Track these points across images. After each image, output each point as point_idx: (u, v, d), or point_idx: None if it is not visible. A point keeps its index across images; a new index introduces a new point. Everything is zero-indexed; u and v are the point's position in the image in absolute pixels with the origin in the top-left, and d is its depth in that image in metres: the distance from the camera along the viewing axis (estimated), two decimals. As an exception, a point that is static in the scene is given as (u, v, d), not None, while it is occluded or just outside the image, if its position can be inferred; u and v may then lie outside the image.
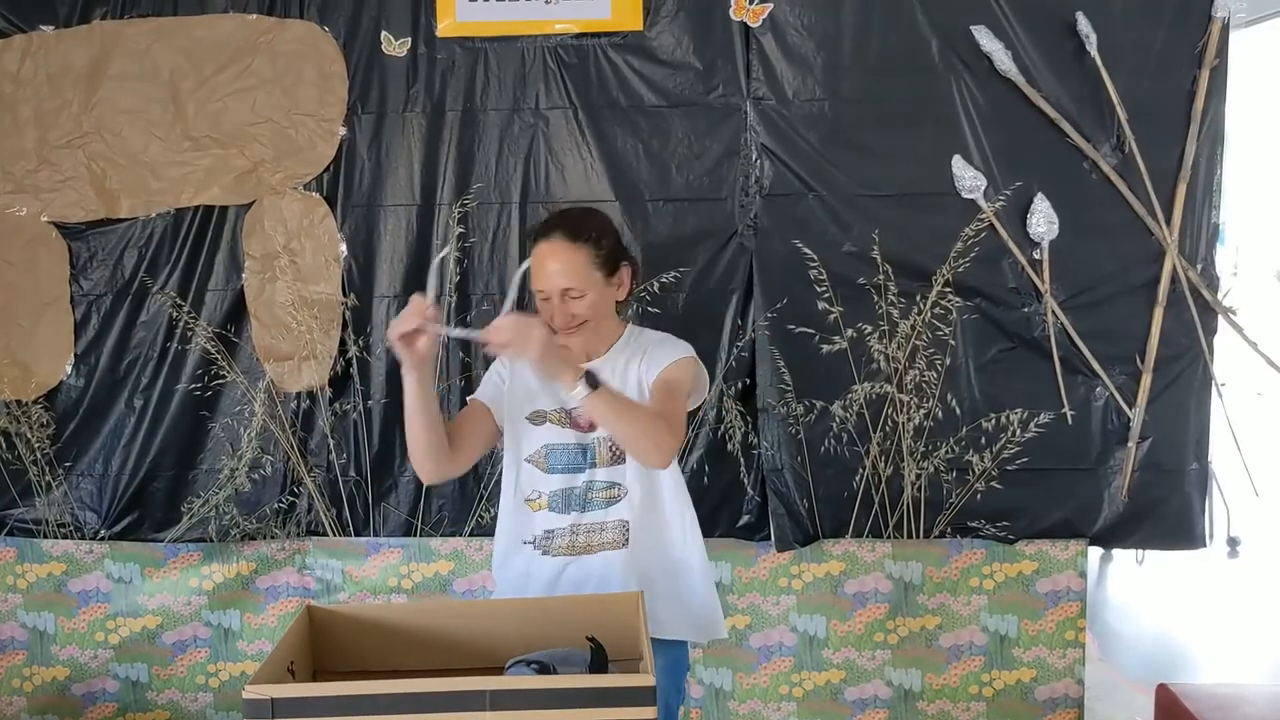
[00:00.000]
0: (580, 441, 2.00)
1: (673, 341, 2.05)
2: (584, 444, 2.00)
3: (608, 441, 1.98)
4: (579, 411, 1.93)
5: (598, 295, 1.96)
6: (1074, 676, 2.96)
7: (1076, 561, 2.92)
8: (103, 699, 3.13)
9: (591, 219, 2.01)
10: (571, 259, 1.93)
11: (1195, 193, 2.76)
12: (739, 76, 2.82)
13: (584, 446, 2.00)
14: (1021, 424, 2.83)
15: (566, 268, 1.92)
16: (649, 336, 2.06)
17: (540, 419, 2.02)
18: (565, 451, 2.01)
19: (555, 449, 2.01)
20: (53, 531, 3.03)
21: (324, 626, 1.75)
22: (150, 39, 2.89)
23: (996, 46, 2.72)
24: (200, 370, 2.94)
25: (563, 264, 1.92)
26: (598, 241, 1.95)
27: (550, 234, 1.95)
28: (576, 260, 1.93)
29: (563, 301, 1.93)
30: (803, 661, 3.00)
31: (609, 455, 1.99)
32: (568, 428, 2.00)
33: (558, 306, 1.93)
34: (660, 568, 2.01)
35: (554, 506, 2.01)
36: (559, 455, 2.01)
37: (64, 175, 2.92)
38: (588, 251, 1.94)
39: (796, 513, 2.86)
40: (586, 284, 1.94)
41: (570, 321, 1.94)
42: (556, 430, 2.00)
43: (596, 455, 1.99)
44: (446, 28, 2.85)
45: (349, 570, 3.04)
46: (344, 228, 2.91)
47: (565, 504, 2.00)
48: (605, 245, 1.97)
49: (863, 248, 2.81)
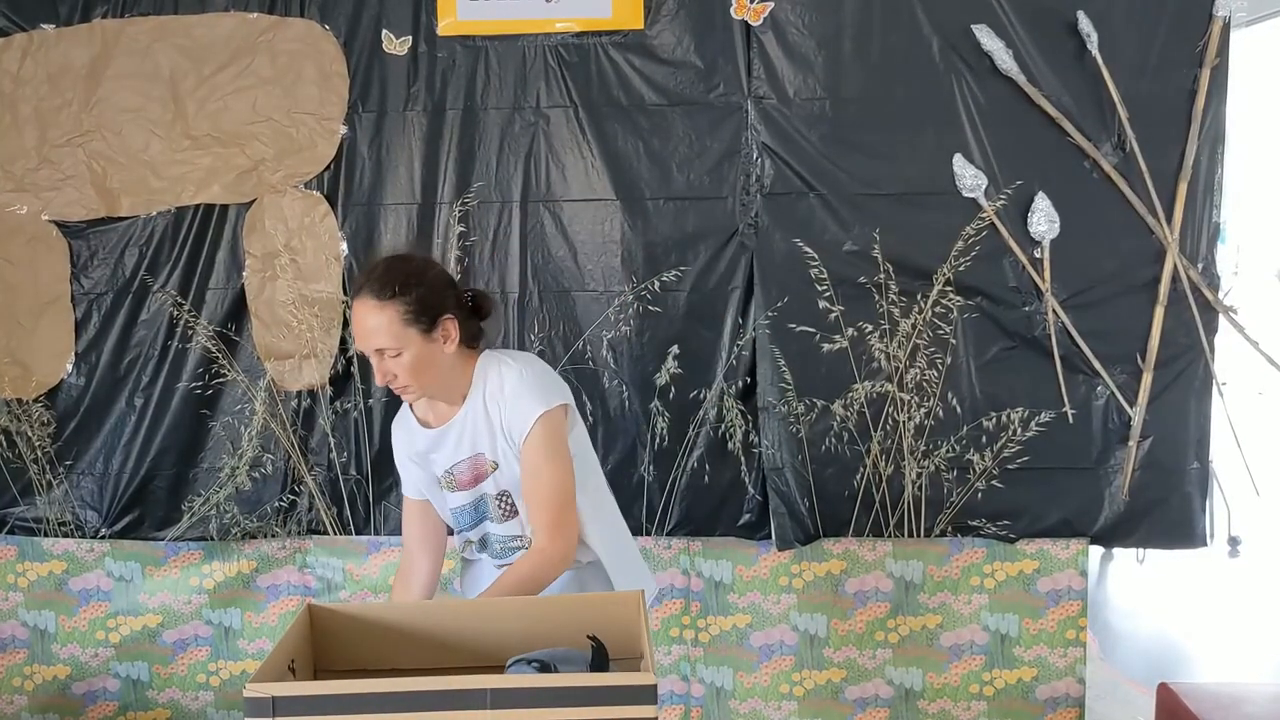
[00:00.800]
0: (472, 498, 2.00)
1: (523, 391, 1.91)
2: (475, 499, 2.00)
3: (495, 500, 1.99)
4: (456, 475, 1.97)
5: (417, 351, 1.85)
6: (1075, 675, 2.96)
7: (1077, 560, 2.92)
8: (103, 698, 3.13)
9: (400, 270, 1.88)
10: (379, 318, 1.83)
11: (1196, 192, 2.76)
12: (740, 75, 2.82)
13: (476, 501, 2.00)
14: (1022, 423, 2.83)
15: (375, 328, 1.84)
16: (499, 374, 1.93)
17: (439, 484, 2.03)
18: (463, 512, 2.03)
19: (458, 511, 2.03)
20: (53, 530, 3.03)
21: (325, 625, 1.74)
22: (151, 38, 2.89)
23: (997, 45, 2.72)
24: (201, 369, 2.94)
25: (371, 325, 1.84)
26: (406, 295, 1.84)
27: (359, 292, 1.86)
28: (383, 318, 1.83)
29: (380, 360, 1.86)
30: (803, 660, 3.00)
31: (501, 513, 2.00)
32: (457, 490, 2.00)
33: (376, 366, 1.87)
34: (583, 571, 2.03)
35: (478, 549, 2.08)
36: (462, 516, 2.03)
37: (64, 174, 2.92)
38: (396, 308, 1.83)
39: (797, 511, 2.86)
40: (400, 342, 1.84)
41: (390, 380, 1.88)
42: (452, 495, 2.02)
43: (490, 512, 2.01)
44: (447, 26, 2.85)
45: (350, 569, 3.04)
46: (344, 226, 2.91)
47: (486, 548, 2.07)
48: (415, 298, 1.85)
49: (863, 246, 2.81)
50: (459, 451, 1.96)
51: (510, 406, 1.91)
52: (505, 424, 1.91)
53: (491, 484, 1.97)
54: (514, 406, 1.90)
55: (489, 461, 1.95)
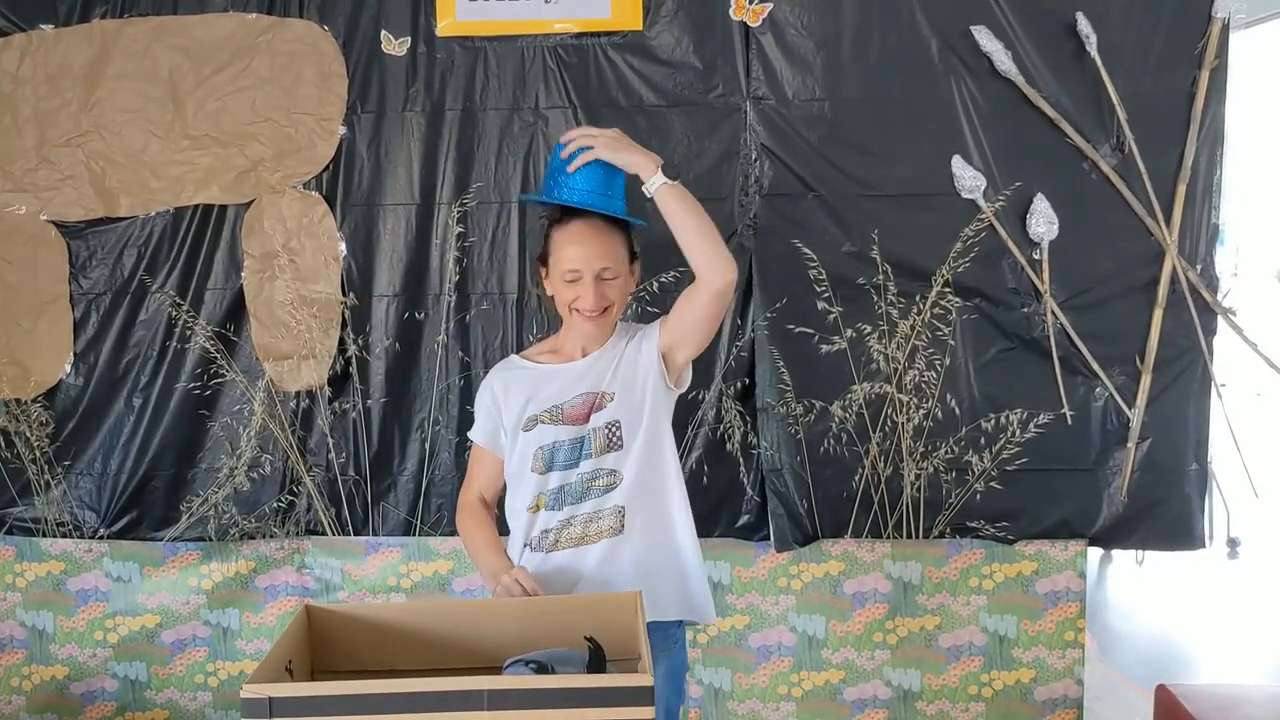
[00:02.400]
0: (574, 435, 1.99)
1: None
2: (578, 436, 1.99)
3: (604, 431, 1.98)
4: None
5: (624, 281, 2.01)
6: (1073, 677, 2.96)
7: (1076, 562, 2.92)
8: (101, 698, 3.13)
9: None
10: (608, 239, 1.97)
11: (1195, 193, 2.76)
12: (739, 76, 2.82)
13: (579, 439, 1.99)
14: (1021, 424, 2.83)
15: (605, 248, 1.96)
16: (634, 325, 2.11)
17: (532, 424, 2.01)
18: (559, 449, 1.99)
19: (549, 448, 2.00)
20: (52, 530, 3.03)
21: (322, 626, 1.75)
22: (150, 38, 2.89)
23: (996, 46, 2.72)
24: (199, 369, 2.94)
25: (602, 243, 1.96)
26: (626, 232, 2.02)
27: (586, 215, 1.97)
28: (613, 240, 1.98)
29: (596, 282, 1.95)
30: (802, 661, 3.00)
31: (605, 444, 1.98)
32: (560, 424, 1.99)
33: (591, 287, 1.94)
34: (657, 550, 2.00)
35: (550, 504, 2.00)
36: (554, 453, 2.00)
37: (63, 174, 2.92)
38: (622, 237, 2.00)
39: (796, 513, 2.86)
40: (619, 267, 1.98)
41: (603, 303, 1.96)
42: (550, 429, 1.99)
43: (592, 446, 1.99)
44: (446, 27, 2.85)
45: (348, 569, 3.04)
46: (343, 227, 2.91)
47: (560, 500, 1.99)
48: (629, 233, 2.02)
49: (862, 248, 2.81)
50: (578, 386, 2.00)
51: (646, 327, 2.05)
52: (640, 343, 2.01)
53: (605, 415, 1.99)
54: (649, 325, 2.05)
55: (606, 395, 1.99)
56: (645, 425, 1.99)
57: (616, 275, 1.98)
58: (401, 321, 2.92)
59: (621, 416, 1.98)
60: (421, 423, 2.94)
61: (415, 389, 2.94)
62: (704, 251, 1.91)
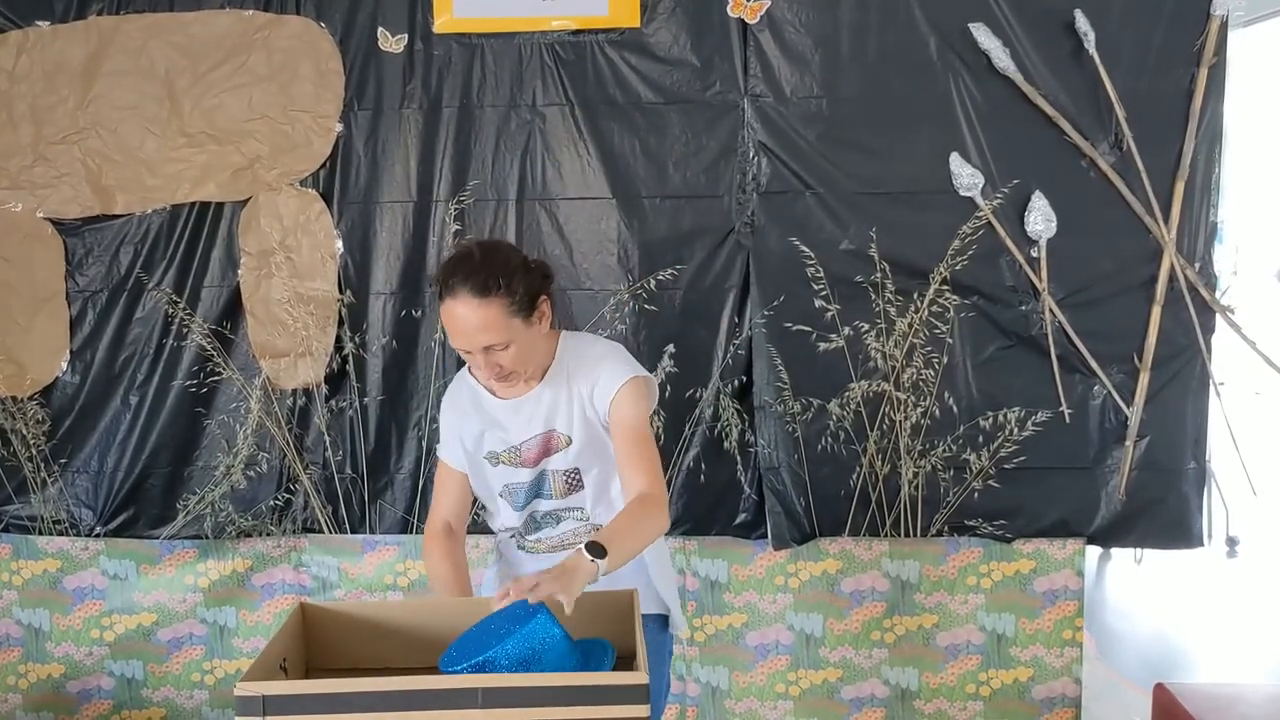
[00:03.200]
0: (533, 475, 1.99)
1: (611, 358, 1.95)
2: (540, 475, 1.99)
3: (563, 475, 1.98)
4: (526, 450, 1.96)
5: (521, 339, 1.84)
6: (1071, 676, 2.96)
7: (1074, 560, 2.91)
8: (98, 696, 3.13)
9: (493, 261, 1.83)
10: (485, 315, 1.78)
11: (1193, 191, 2.75)
12: (736, 74, 2.81)
13: (540, 478, 1.99)
14: (1019, 423, 2.82)
15: (482, 325, 1.79)
16: (584, 349, 1.97)
17: (495, 460, 2.00)
18: (523, 488, 2.01)
19: (513, 487, 2.01)
20: (48, 528, 3.02)
21: (317, 623, 1.74)
22: (146, 35, 2.88)
23: (994, 44, 2.72)
24: (196, 367, 2.93)
25: (478, 322, 1.79)
26: (508, 287, 1.80)
27: (455, 292, 1.79)
28: (490, 316, 1.79)
29: (486, 355, 1.83)
30: (799, 660, 3.00)
31: (564, 488, 1.99)
32: (519, 466, 1.99)
33: (481, 360, 1.84)
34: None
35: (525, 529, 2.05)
36: (518, 493, 2.01)
37: (60, 171, 2.91)
38: (500, 302, 1.79)
39: (793, 511, 2.85)
40: (508, 334, 1.81)
41: (499, 374, 1.87)
42: (510, 470, 2.00)
43: (552, 489, 1.99)
44: (443, 24, 2.84)
45: (345, 567, 3.04)
46: (340, 224, 2.90)
47: (531, 525, 2.04)
48: (517, 288, 1.81)
49: (860, 245, 2.80)
50: (531, 428, 1.95)
51: (602, 371, 1.91)
52: (592, 391, 1.91)
53: (561, 459, 1.95)
54: (606, 370, 1.91)
55: (562, 437, 1.94)
56: (601, 461, 1.97)
57: (507, 343, 1.82)
58: (398, 319, 2.91)
59: (581, 464, 1.97)
60: (418, 421, 2.93)
61: (412, 387, 2.93)
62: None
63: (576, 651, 1.59)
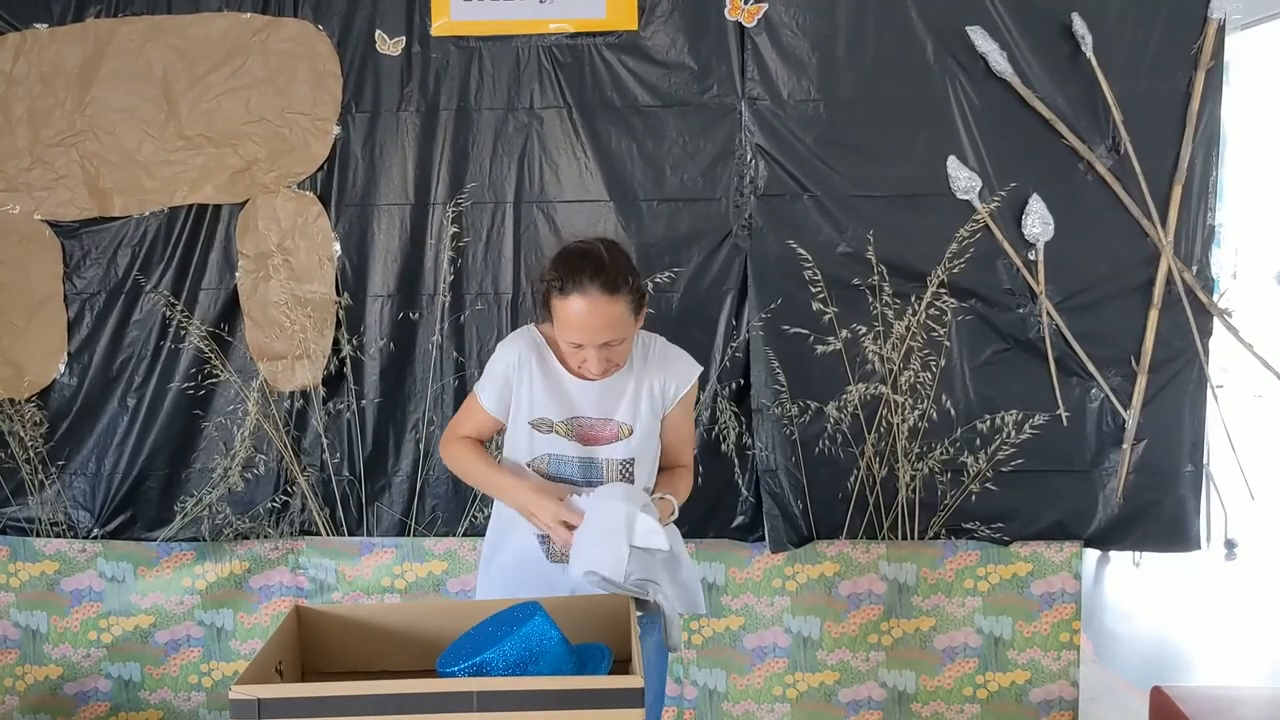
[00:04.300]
0: (585, 456, 1.99)
1: (680, 354, 2.08)
2: (590, 459, 2.00)
3: (618, 464, 1.99)
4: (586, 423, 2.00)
5: (631, 337, 1.95)
6: (1069, 678, 2.96)
7: (1071, 563, 2.91)
8: (95, 698, 3.12)
9: (619, 262, 1.89)
10: (612, 313, 1.85)
11: (1191, 194, 2.76)
12: (734, 77, 2.81)
13: (590, 462, 2.00)
14: (1016, 425, 2.82)
15: (609, 322, 1.85)
16: (657, 343, 2.07)
17: (546, 427, 2.00)
18: (568, 463, 2.00)
19: (558, 459, 2.01)
20: (45, 530, 3.02)
21: (313, 627, 1.74)
22: (144, 37, 2.88)
23: (991, 47, 2.72)
24: (193, 369, 2.93)
25: (605, 319, 1.85)
26: (632, 286, 1.88)
27: (584, 288, 1.83)
28: (616, 313, 1.85)
29: (600, 350, 1.88)
30: (797, 663, 3.00)
31: (618, 475, 2.00)
32: (573, 440, 1.99)
33: (595, 355, 1.88)
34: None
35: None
36: (561, 465, 2.01)
37: (57, 174, 2.91)
38: (626, 299, 1.86)
39: (791, 514, 2.85)
40: (626, 331, 1.90)
41: (610, 369, 1.93)
42: (561, 441, 2.00)
43: (604, 473, 2.00)
44: (441, 27, 2.84)
45: (342, 570, 3.04)
46: (338, 227, 2.90)
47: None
48: (635, 286, 1.89)
49: (857, 248, 2.80)
50: (598, 409, 1.99)
51: (678, 366, 2.05)
52: (664, 384, 2.02)
53: (620, 448, 1.99)
54: (678, 366, 2.05)
55: (623, 426, 1.99)
56: (650, 456, 2.05)
57: (623, 339, 1.90)
58: (396, 322, 2.91)
59: (636, 454, 2.01)
60: (416, 423, 2.93)
61: (410, 389, 2.93)
62: None
63: (574, 654, 1.59)
